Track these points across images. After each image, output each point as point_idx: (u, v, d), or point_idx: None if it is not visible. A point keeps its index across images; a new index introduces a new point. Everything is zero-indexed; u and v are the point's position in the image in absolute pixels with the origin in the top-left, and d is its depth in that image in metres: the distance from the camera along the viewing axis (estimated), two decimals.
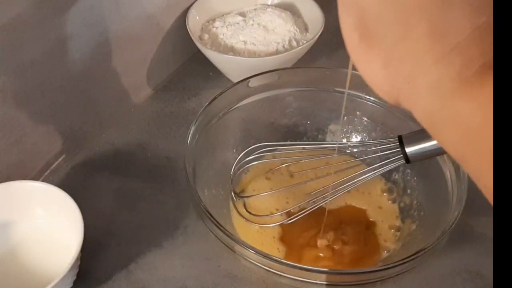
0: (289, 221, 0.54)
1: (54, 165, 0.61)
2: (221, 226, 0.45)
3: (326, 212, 0.54)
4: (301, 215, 0.54)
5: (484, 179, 0.18)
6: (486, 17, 0.18)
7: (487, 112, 0.17)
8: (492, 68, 0.17)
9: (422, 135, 0.47)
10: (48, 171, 0.61)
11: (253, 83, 0.58)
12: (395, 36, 0.18)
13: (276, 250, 0.53)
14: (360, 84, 0.27)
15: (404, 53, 0.18)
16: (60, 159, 0.61)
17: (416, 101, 0.19)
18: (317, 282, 0.44)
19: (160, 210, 0.58)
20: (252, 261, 0.45)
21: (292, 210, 0.56)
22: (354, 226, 0.55)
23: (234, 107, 0.58)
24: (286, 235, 0.55)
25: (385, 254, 0.53)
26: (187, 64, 0.76)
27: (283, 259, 0.49)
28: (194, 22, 0.72)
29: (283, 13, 0.73)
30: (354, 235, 0.54)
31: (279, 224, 0.55)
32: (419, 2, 0.18)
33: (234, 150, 0.60)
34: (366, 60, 0.20)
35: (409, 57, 0.18)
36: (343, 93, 0.26)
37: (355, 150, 0.61)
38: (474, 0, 0.18)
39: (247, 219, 0.55)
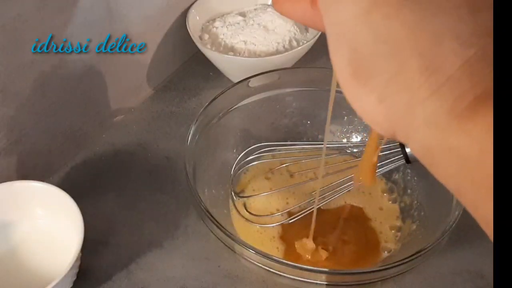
0: (289, 221, 0.54)
1: (54, 165, 0.61)
2: (221, 226, 0.45)
3: (326, 212, 0.54)
4: (301, 215, 0.54)
5: (482, 211, 0.19)
6: (475, 50, 0.18)
7: (483, 145, 0.18)
8: (484, 101, 0.18)
9: None
10: (48, 171, 0.61)
11: (253, 83, 0.58)
12: (389, 72, 0.19)
13: (275, 249, 0.53)
14: None
15: (399, 88, 0.19)
16: (60, 159, 0.62)
17: (413, 134, 0.19)
18: (317, 282, 0.44)
19: (160, 210, 0.58)
20: (252, 261, 0.45)
21: (292, 210, 0.56)
22: (355, 226, 0.55)
23: (234, 107, 0.58)
24: (286, 235, 0.55)
25: (385, 254, 0.53)
26: (187, 64, 0.76)
27: (283, 258, 0.49)
28: (194, 22, 0.72)
29: None
30: (354, 235, 0.54)
31: (279, 224, 0.55)
32: (410, 39, 0.18)
33: (234, 150, 0.60)
34: (361, 96, 0.20)
35: (404, 92, 0.19)
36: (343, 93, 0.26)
37: (355, 150, 0.61)
38: (463, 33, 0.18)
39: (247, 219, 0.55)
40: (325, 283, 0.44)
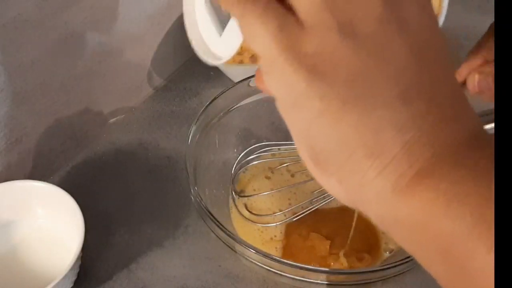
0: (289, 221, 0.54)
1: (54, 164, 0.61)
2: (222, 226, 0.45)
3: (327, 212, 0.54)
4: (302, 215, 0.54)
5: (433, 268, 0.23)
6: (411, 134, 0.21)
7: (421, 215, 0.21)
8: (420, 178, 0.21)
9: None
10: (49, 170, 0.61)
11: (253, 82, 0.58)
12: (340, 161, 0.22)
13: (274, 249, 0.53)
14: None
15: (351, 173, 0.23)
16: (61, 158, 0.62)
17: (368, 207, 0.23)
18: (318, 281, 0.44)
19: (161, 209, 0.58)
20: (253, 260, 0.45)
21: (293, 210, 0.56)
22: (356, 226, 0.55)
23: (235, 106, 0.58)
24: (287, 234, 0.54)
25: (386, 254, 0.53)
26: (188, 64, 0.76)
27: (283, 258, 0.49)
28: None
29: None
30: (355, 235, 0.54)
31: (280, 224, 0.55)
32: (354, 134, 0.22)
33: (235, 150, 0.60)
34: (324, 179, 0.24)
35: (355, 176, 0.22)
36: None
37: None
38: (399, 122, 0.21)
39: (248, 219, 0.55)
40: (325, 282, 0.44)
